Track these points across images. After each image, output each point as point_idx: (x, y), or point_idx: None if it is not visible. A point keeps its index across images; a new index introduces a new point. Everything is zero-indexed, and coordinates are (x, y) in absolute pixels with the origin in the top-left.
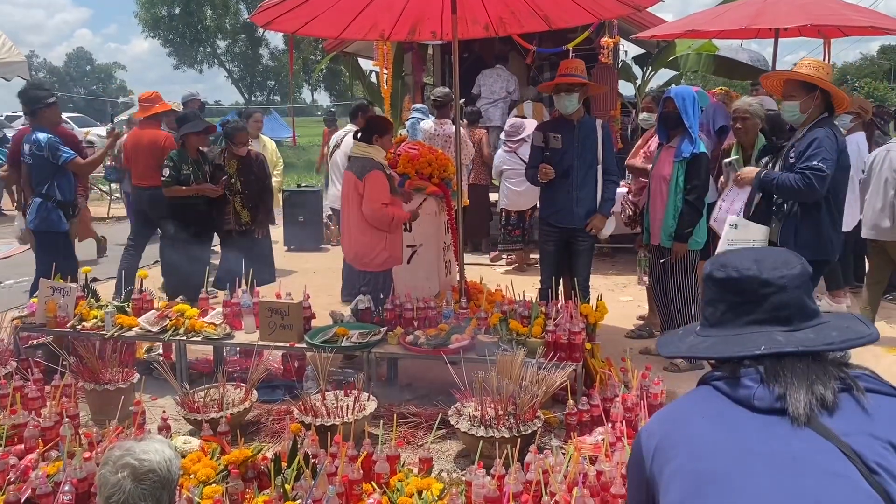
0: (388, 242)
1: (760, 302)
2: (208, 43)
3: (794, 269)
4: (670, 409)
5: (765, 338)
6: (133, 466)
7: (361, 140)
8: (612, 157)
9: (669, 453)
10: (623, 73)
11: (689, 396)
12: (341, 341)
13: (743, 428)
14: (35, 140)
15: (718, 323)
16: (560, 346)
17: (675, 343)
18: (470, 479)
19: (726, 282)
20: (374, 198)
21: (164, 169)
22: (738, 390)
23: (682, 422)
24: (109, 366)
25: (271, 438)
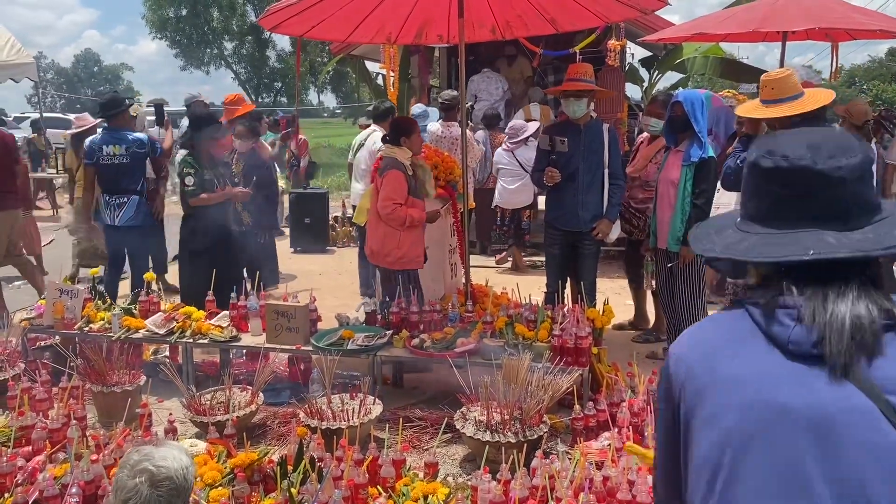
0: (401, 241)
1: (812, 197)
2: (215, 44)
3: (855, 158)
4: (702, 336)
5: (814, 239)
6: (151, 472)
7: (390, 142)
8: (619, 162)
9: (698, 395)
10: (630, 75)
11: (723, 323)
12: (347, 344)
13: (775, 378)
14: (136, 139)
15: (761, 218)
16: (566, 351)
17: (709, 238)
18: (476, 483)
19: (773, 172)
20: (386, 195)
21: (187, 177)
22: (772, 326)
23: (712, 357)
24: (116, 368)
25: (277, 441)
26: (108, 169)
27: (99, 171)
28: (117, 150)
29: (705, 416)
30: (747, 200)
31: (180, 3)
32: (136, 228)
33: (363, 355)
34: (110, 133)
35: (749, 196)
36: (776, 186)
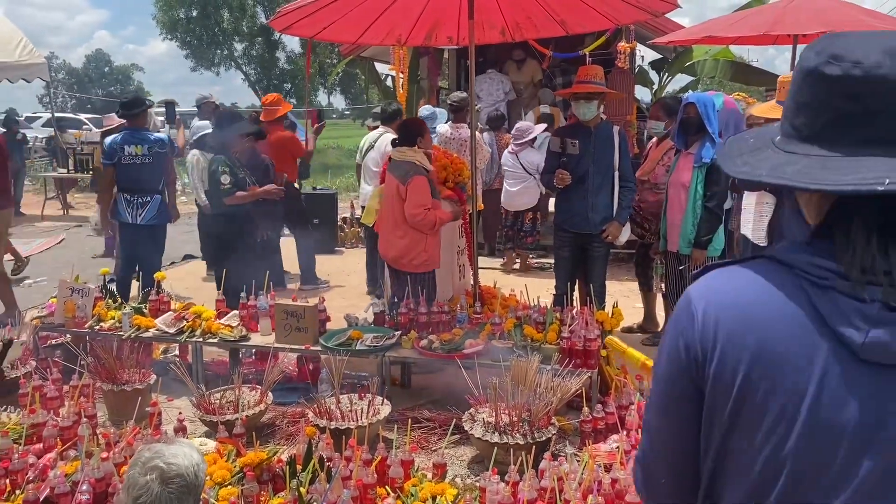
0: (427, 244)
1: (885, 114)
2: (225, 45)
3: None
4: (737, 297)
5: (889, 166)
6: (161, 469)
7: (402, 144)
8: (629, 164)
9: (745, 381)
10: (639, 78)
11: (761, 285)
12: (356, 344)
13: (840, 388)
14: (158, 139)
15: (814, 138)
16: (575, 353)
17: (743, 157)
18: (484, 485)
19: (840, 82)
20: (416, 202)
21: (222, 175)
22: (839, 323)
23: (756, 328)
24: (127, 366)
25: (286, 441)
26: (129, 169)
27: (120, 171)
28: (139, 149)
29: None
30: (795, 115)
31: (191, 4)
32: (157, 227)
33: (372, 356)
34: (132, 133)
35: (798, 110)
36: (841, 100)
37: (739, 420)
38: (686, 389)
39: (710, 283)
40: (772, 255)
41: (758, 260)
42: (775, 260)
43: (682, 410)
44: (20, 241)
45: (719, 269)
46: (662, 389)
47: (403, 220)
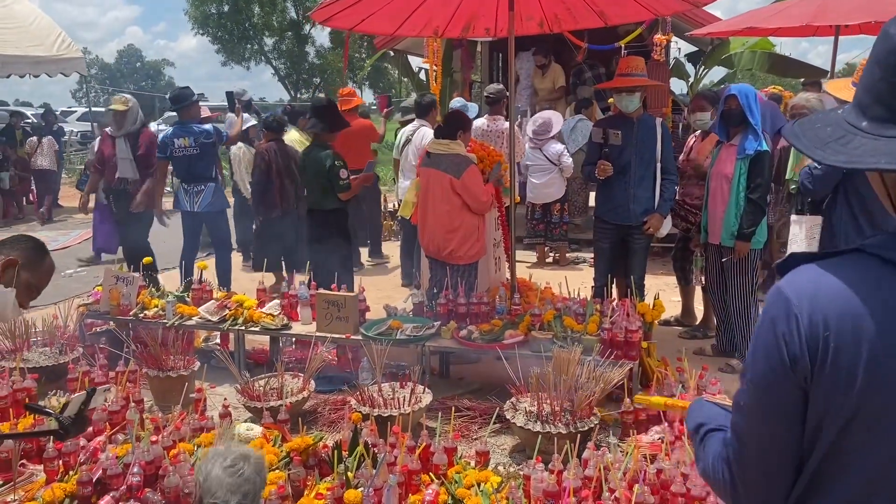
0: (480, 233)
1: None
2: (255, 40)
3: None
4: (843, 297)
5: None
6: (251, 456)
7: (445, 137)
8: (671, 157)
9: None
10: (675, 70)
11: (866, 283)
12: (396, 334)
13: None
14: (203, 130)
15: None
16: (616, 344)
17: (830, 147)
18: (528, 473)
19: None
20: (479, 191)
21: (341, 170)
22: None
23: (870, 329)
24: (171, 353)
25: (328, 428)
26: (181, 160)
27: (174, 163)
28: (187, 142)
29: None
30: (892, 97)
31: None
32: (213, 214)
33: (412, 345)
34: (180, 127)
35: (893, 91)
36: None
37: (856, 421)
38: (790, 394)
39: (807, 279)
40: (872, 250)
41: (852, 255)
42: (871, 254)
43: (786, 415)
44: (60, 231)
45: (814, 264)
46: (761, 394)
47: (458, 214)
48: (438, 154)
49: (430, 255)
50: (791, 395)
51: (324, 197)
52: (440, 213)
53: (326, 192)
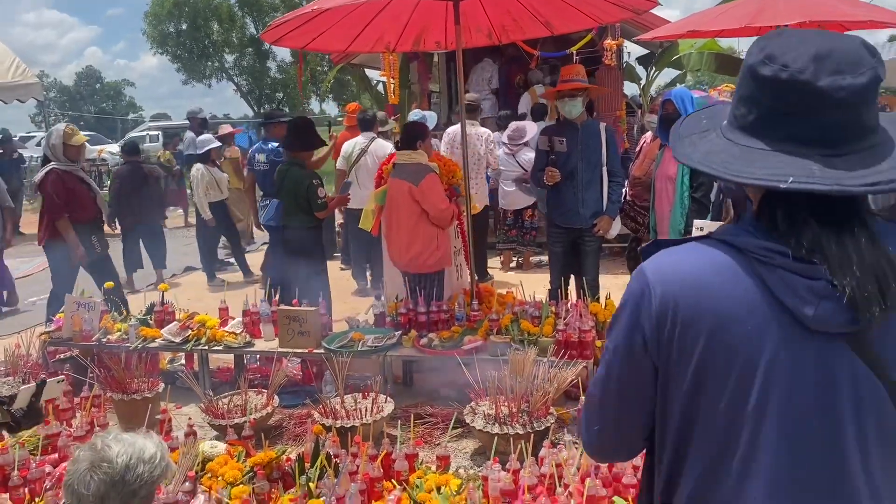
0: (440, 242)
1: (805, 116)
2: (216, 57)
3: (863, 77)
4: (693, 277)
5: (796, 165)
6: (95, 449)
7: (405, 148)
8: (617, 160)
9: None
10: (627, 73)
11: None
12: (357, 346)
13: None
14: (274, 149)
15: (747, 129)
16: (571, 345)
17: (692, 142)
18: (486, 473)
19: (769, 82)
20: (437, 199)
21: (318, 189)
22: (788, 296)
23: (713, 306)
24: (135, 376)
25: (294, 441)
26: (257, 174)
27: (255, 176)
28: (262, 157)
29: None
30: (736, 106)
31: (180, 18)
32: (273, 229)
33: (374, 356)
34: (262, 142)
35: (739, 101)
36: (769, 97)
37: (702, 389)
38: (643, 365)
39: (665, 262)
40: (720, 237)
41: (706, 241)
42: (723, 242)
43: (639, 384)
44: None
45: (672, 248)
46: (618, 364)
47: (417, 222)
48: (402, 164)
49: (396, 265)
50: (645, 366)
51: (300, 215)
52: (402, 221)
53: (303, 209)
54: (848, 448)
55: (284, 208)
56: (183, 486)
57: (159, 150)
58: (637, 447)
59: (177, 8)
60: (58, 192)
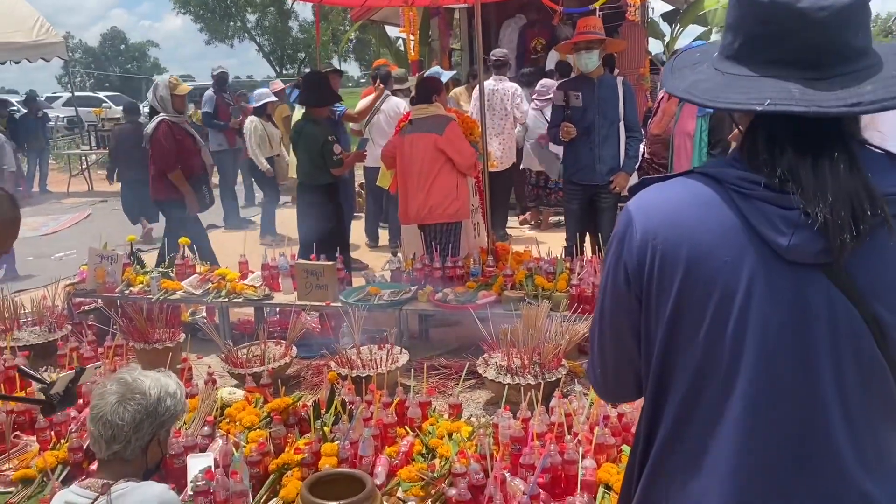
0: (459, 192)
1: (786, 38)
2: (238, 17)
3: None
4: (671, 211)
5: (776, 88)
6: (125, 383)
7: (421, 102)
8: (635, 115)
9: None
10: (651, 30)
11: (694, 198)
12: (374, 300)
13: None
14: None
15: (733, 56)
16: (584, 299)
17: (682, 71)
18: (497, 421)
19: (752, 5)
20: (463, 145)
21: (335, 145)
22: (765, 228)
23: (690, 237)
24: (157, 326)
25: (310, 391)
26: None
27: None
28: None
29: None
30: (724, 35)
31: None
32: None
33: (390, 310)
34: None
35: (727, 29)
36: (752, 22)
37: (682, 319)
38: (629, 300)
39: (647, 198)
40: (703, 170)
41: (691, 174)
42: (706, 174)
43: (628, 319)
44: (50, 216)
45: (655, 184)
46: (609, 301)
47: (439, 172)
48: (420, 118)
49: (413, 220)
50: (631, 308)
51: (316, 172)
52: (422, 173)
53: (319, 167)
54: (823, 374)
55: (300, 166)
56: (202, 430)
57: (191, 109)
58: (640, 384)
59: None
60: (168, 143)
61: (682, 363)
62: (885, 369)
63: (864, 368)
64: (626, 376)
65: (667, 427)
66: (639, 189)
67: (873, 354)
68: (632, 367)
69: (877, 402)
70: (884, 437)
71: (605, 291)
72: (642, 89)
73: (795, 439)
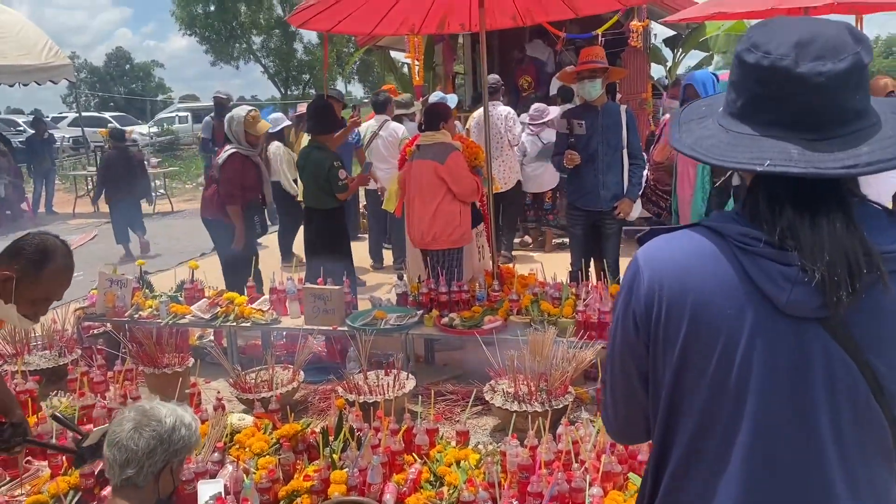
0: (462, 219)
1: (786, 101)
2: (244, 39)
3: (843, 63)
4: (677, 262)
5: (776, 148)
6: (142, 411)
7: (428, 129)
8: (637, 142)
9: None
10: (653, 55)
11: (698, 251)
12: (380, 324)
13: (763, 334)
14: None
15: (736, 114)
16: (590, 326)
17: (689, 125)
18: (504, 449)
19: (753, 69)
20: (462, 175)
21: (340, 170)
22: (765, 282)
23: (694, 288)
24: (166, 351)
25: (318, 416)
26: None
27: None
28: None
29: (691, 361)
30: (728, 92)
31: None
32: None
33: (396, 334)
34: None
35: (731, 87)
36: (753, 83)
37: (688, 365)
38: (637, 345)
39: (654, 248)
40: (707, 223)
41: (696, 227)
42: (710, 228)
43: (636, 364)
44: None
45: (662, 235)
46: (619, 345)
47: (441, 200)
48: (426, 145)
49: (417, 245)
50: (639, 354)
51: (323, 196)
52: (425, 200)
53: (325, 191)
54: (821, 426)
55: (307, 191)
56: (212, 457)
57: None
58: (648, 425)
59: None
60: (236, 177)
61: (689, 406)
62: (882, 418)
63: (860, 418)
64: (636, 418)
65: (673, 468)
66: (647, 239)
67: (869, 404)
68: (640, 409)
69: (872, 449)
70: (880, 480)
71: (616, 336)
72: (644, 114)
73: (795, 484)
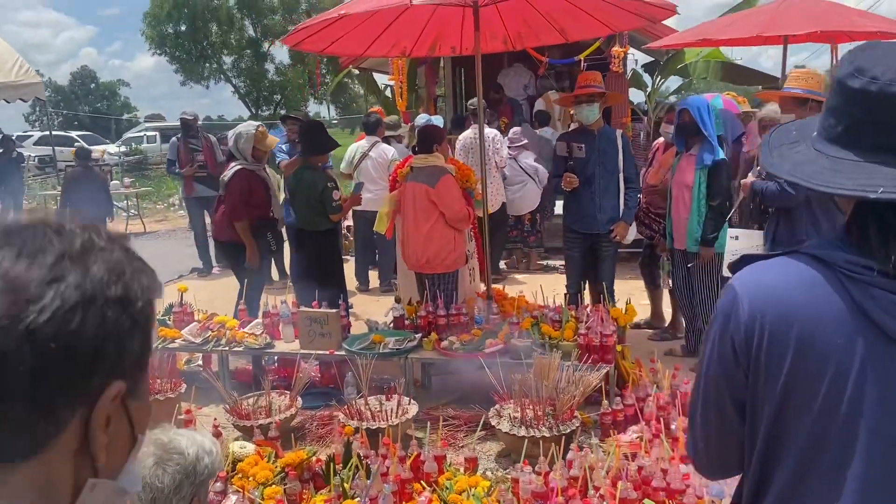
0: (456, 242)
1: (894, 126)
2: (214, 59)
3: None
4: (780, 291)
5: (887, 175)
6: (161, 444)
7: (422, 151)
8: (633, 167)
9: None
10: (633, 81)
11: (803, 279)
12: (379, 348)
13: (858, 341)
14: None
15: (836, 140)
16: (592, 349)
17: (780, 149)
18: (516, 475)
19: (858, 94)
20: (453, 200)
21: (334, 192)
22: (881, 315)
23: (800, 319)
24: (158, 377)
25: (318, 442)
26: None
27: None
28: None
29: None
30: (826, 117)
31: (179, 19)
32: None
33: (396, 358)
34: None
35: (829, 112)
36: (858, 109)
37: (792, 396)
38: (734, 375)
39: (753, 276)
40: (808, 251)
41: (794, 255)
42: (810, 255)
43: (733, 394)
44: None
45: (760, 263)
46: (714, 373)
47: (434, 223)
48: (419, 167)
49: (411, 268)
50: (737, 382)
51: (316, 218)
52: (419, 223)
53: (319, 213)
54: None
55: (299, 212)
56: (214, 487)
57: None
58: (742, 456)
59: (176, 9)
60: (242, 193)
61: (794, 436)
62: None
63: None
64: (731, 450)
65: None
66: (740, 266)
67: None
68: (734, 438)
69: None
70: None
71: (710, 364)
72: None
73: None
